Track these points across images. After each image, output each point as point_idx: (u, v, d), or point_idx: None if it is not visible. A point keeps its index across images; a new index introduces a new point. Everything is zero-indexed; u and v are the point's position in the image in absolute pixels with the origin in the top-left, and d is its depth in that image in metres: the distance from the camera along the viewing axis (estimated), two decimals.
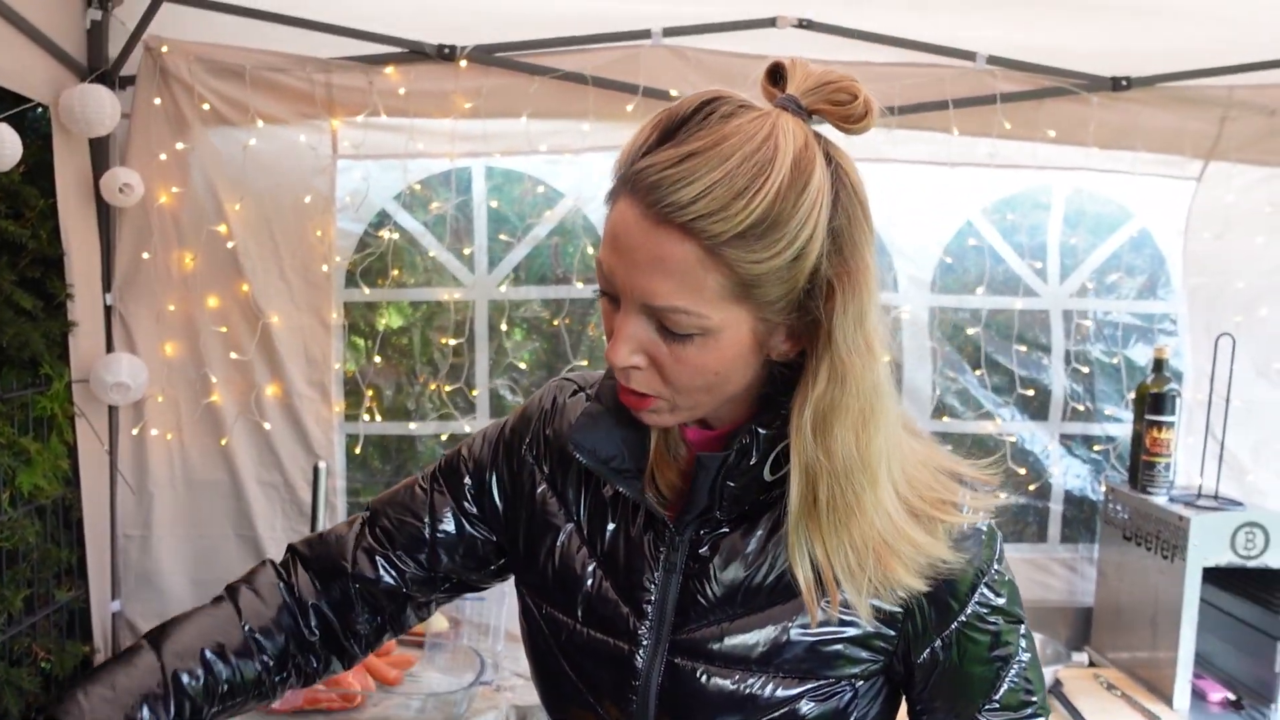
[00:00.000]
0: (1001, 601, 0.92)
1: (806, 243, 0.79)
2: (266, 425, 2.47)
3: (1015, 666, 0.93)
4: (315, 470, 2.22)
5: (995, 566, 0.92)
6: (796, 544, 0.87)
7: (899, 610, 0.90)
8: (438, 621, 2.14)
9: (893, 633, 0.91)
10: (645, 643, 0.93)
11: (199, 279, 2.42)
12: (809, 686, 0.89)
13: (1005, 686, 0.92)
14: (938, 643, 0.91)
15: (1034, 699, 0.94)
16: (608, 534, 0.97)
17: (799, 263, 0.80)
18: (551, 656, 1.00)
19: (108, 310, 2.39)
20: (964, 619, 0.91)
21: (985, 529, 0.92)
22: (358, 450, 2.55)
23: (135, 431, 2.44)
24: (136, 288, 2.40)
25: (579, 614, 0.97)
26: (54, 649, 2.27)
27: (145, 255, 2.38)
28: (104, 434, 2.41)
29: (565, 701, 1.00)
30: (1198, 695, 2.17)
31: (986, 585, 0.91)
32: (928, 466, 0.92)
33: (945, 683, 0.93)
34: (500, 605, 2.11)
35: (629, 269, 0.81)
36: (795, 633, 0.89)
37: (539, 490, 1.02)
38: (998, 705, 0.93)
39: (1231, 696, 2.17)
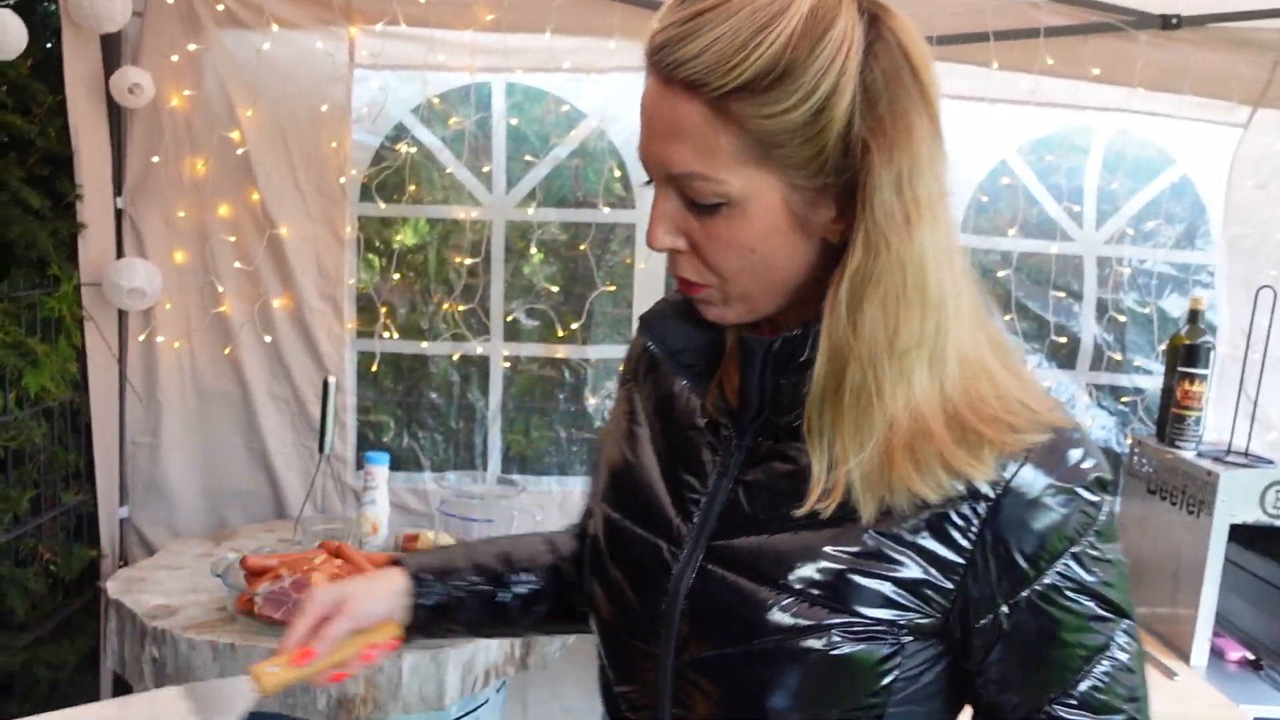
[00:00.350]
0: (1092, 581, 0.80)
1: (828, 95, 0.74)
2: (274, 338, 2.44)
3: (1106, 663, 0.80)
4: (325, 385, 2.18)
5: (1090, 539, 0.79)
6: (814, 431, 0.81)
7: (959, 561, 0.80)
8: (447, 541, 2.12)
9: (949, 585, 0.80)
10: (685, 545, 0.89)
11: (210, 185, 2.37)
12: (841, 620, 0.80)
13: (1089, 683, 0.80)
14: (1004, 608, 0.80)
15: (1124, 708, 0.81)
16: (669, 432, 0.95)
17: (823, 117, 0.75)
18: (599, 560, 0.97)
19: (118, 214, 2.34)
20: (1039, 588, 0.79)
21: (1086, 491, 0.79)
22: (371, 368, 2.52)
23: (143, 338, 2.41)
24: (147, 192, 2.35)
25: (628, 509, 0.95)
26: (61, 551, 2.27)
27: (155, 159, 2.33)
28: (113, 340, 2.38)
29: (602, 604, 0.97)
30: (1216, 653, 2.13)
31: (1074, 557, 0.79)
32: (994, 381, 0.82)
33: (1011, 658, 0.81)
34: (509, 529, 2.08)
35: (649, 140, 0.80)
36: (836, 557, 0.81)
37: (623, 395, 1.04)
38: (1075, 702, 0.80)
39: (1250, 656, 2.14)
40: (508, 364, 2.54)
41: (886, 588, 0.80)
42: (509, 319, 2.53)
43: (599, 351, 2.52)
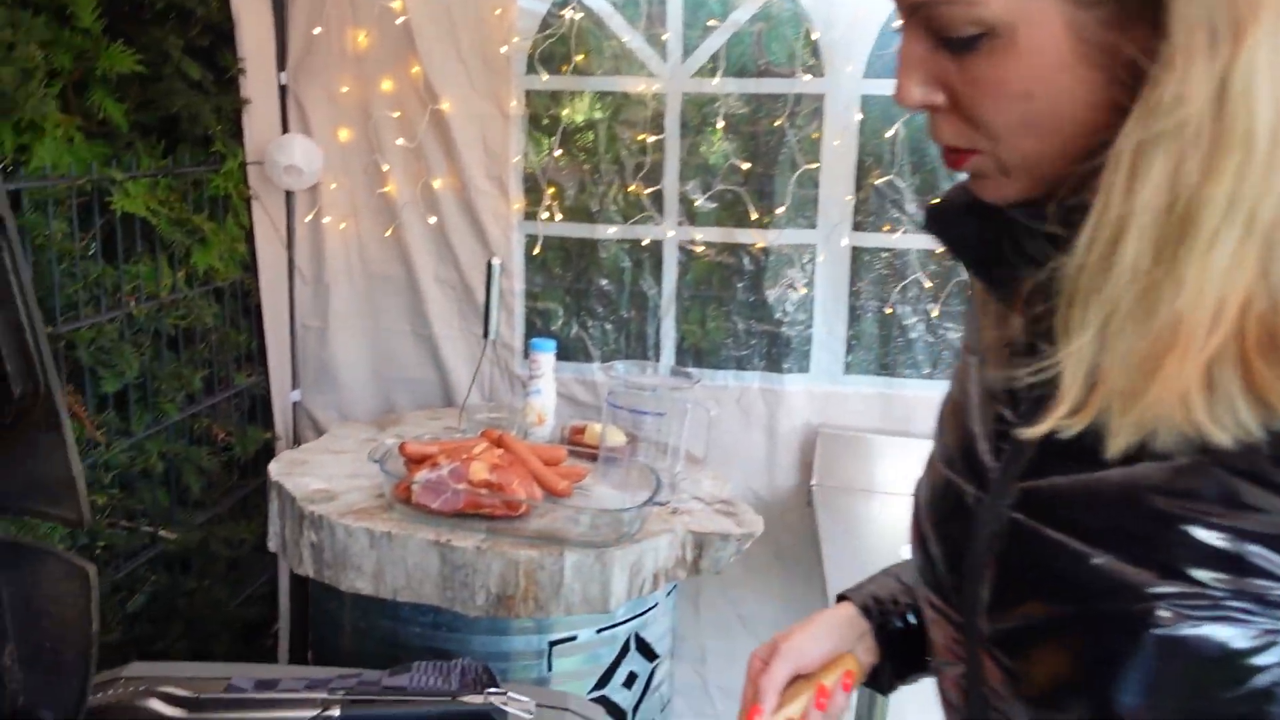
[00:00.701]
0: None
1: None
2: (439, 219, 2.33)
3: None
4: (489, 267, 2.06)
5: None
6: (1071, 322, 0.59)
7: None
8: (614, 435, 1.99)
9: None
10: (992, 487, 0.70)
11: (372, 59, 2.26)
12: (1177, 590, 0.58)
13: None
14: None
15: None
16: (991, 356, 0.75)
17: None
18: (915, 516, 0.83)
19: (282, 90, 2.27)
20: None
21: None
22: (536, 251, 2.39)
23: (309, 219, 2.35)
24: (310, 66, 2.26)
25: (944, 450, 0.79)
26: (235, 432, 2.27)
27: (317, 30, 2.23)
28: (280, 220, 2.33)
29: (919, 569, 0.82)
30: None
31: None
32: None
33: None
34: (681, 423, 1.93)
35: None
36: (1167, 508, 0.59)
37: (966, 316, 0.86)
38: None
39: None
40: (682, 250, 2.36)
41: (1245, 548, 0.57)
42: (685, 201, 2.34)
43: (782, 237, 2.31)
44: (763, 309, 2.35)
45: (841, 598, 0.97)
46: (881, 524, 2.16)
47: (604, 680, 1.77)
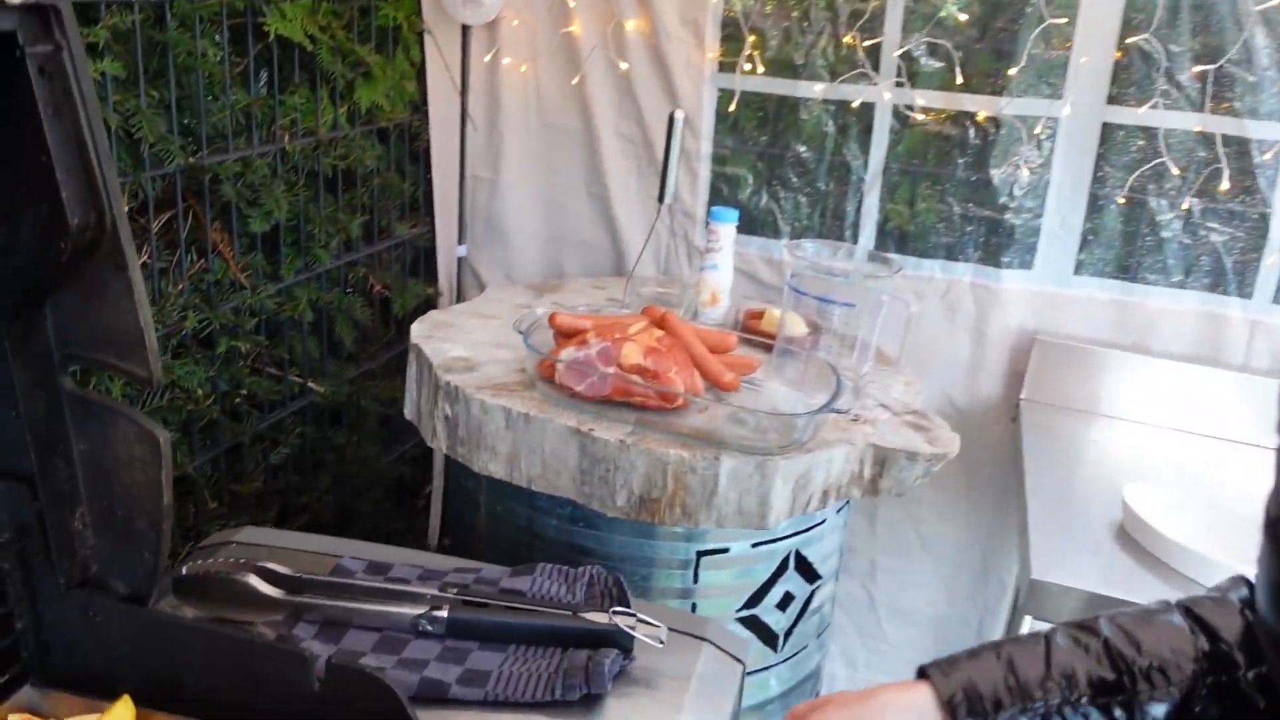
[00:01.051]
0: None
1: None
2: (625, 65, 2.09)
3: None
4: (670, 120, 1.81)
5: None
6: None
7: None
8: (794, 324, 1.75)
9: None
10: None
11: None
12: None
13: None
14: None
15: None
16: None
17: None
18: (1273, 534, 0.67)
19: None
20: None
21: None
22: (730, 108, 2.12)
23: (488, 59, 2.15)
24: None
25: None
26: (394, 285, 2.15)
27: None
28: (454, 59, 2.15)
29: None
30: None
31: None
32: None
33: None
34: (875, 316, 1.67)
35: None
36: None
37: None
38: None
39: None
40: (897, 115, 2.04)
41: None
42: (906, 58, 2.00)
43: (1018, 107, 1.94)
44: (985, 191, 2.01)
45: (922, 674, 0.75)
46: (1101, 455, 1.84)
47: (755, 599, 1.57)
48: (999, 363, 2.06)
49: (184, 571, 1.18)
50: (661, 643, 1.11)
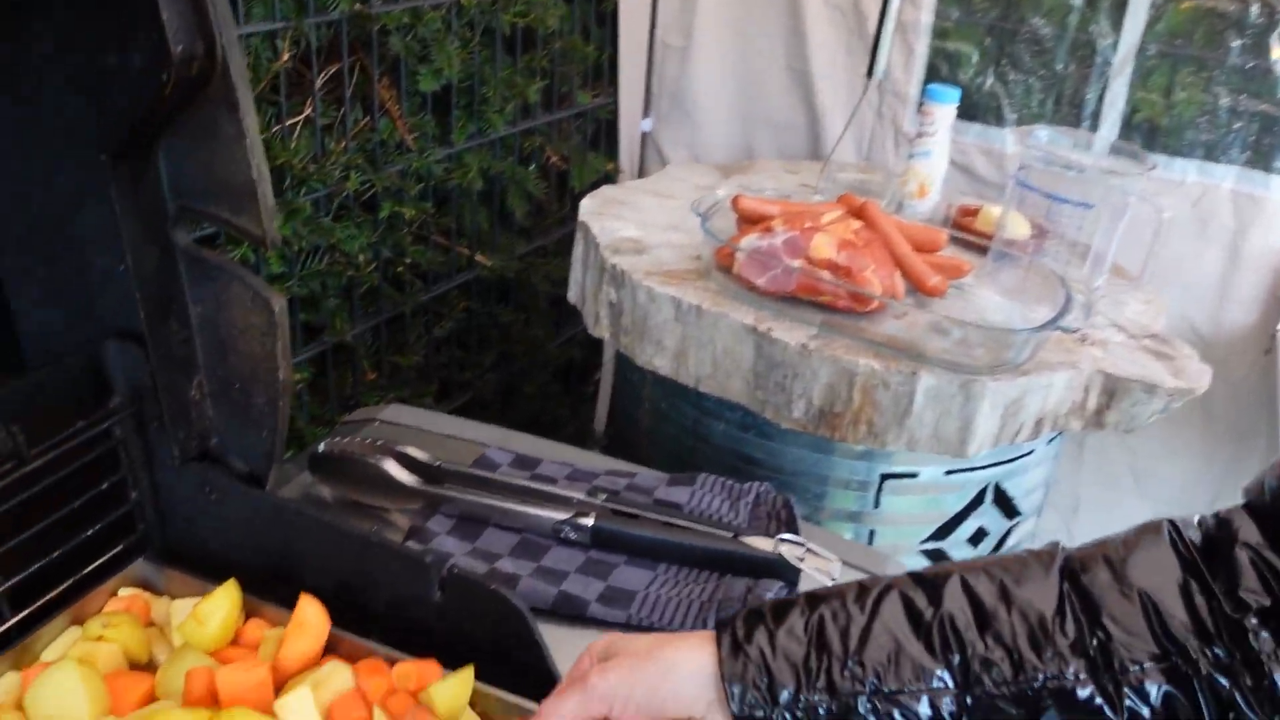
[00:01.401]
0: None
1: None
2: None
3: None
4: None
5: None
6: None
7: None
8: (1016, 224, 1.51)
9: None
10: None
11: None
12: None
13: None
14: None
15: None
16: None
17: None
18: None
19: None
20: None
21: None
22: None
23: None
24: None
25: None
26: (572, 157, 2.01)
27: None
28: None
29: None
30: None
31: None
32: None
33: None
34: (1115, 222, 1.41)
35: None
36: None
37: None
38: None
39: None
40: None
41: None
42: None
43: None
44: (1261, 80, 1.69)
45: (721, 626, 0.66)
46: None
47: (943, 531, 1.39)
48: (1256, 286, 1.76)
49: (321, 449, 1.10)
50: (834, 580, 0.96)
